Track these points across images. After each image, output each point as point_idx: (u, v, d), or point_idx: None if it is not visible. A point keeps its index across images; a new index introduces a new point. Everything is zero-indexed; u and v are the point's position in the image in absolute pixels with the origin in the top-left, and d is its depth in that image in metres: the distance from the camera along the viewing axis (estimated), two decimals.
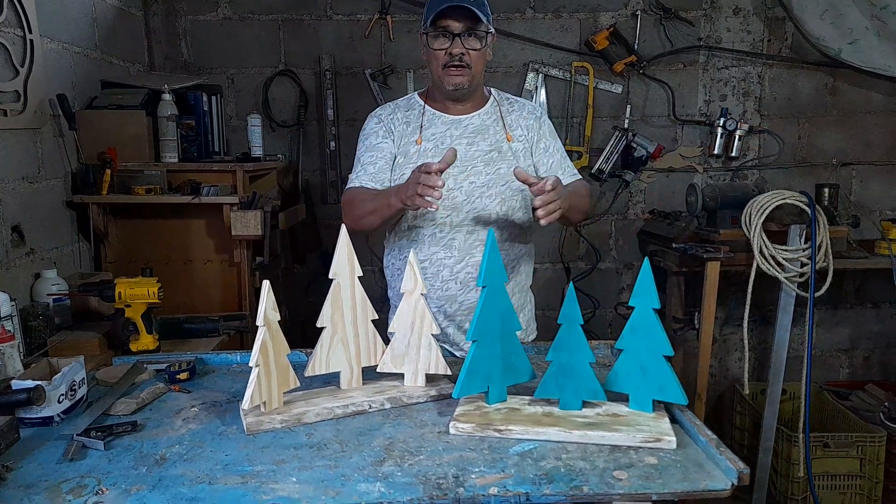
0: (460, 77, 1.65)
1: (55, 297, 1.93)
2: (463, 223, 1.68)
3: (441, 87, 1.69)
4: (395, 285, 1.80)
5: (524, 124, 1.76)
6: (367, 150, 1.74)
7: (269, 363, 1.26)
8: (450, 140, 1.70)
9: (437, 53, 1.64)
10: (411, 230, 1.72)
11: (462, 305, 1.72)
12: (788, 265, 2.42)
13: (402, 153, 1.72)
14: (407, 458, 1.12)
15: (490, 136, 1.72)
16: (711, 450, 1.11)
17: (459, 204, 1.67)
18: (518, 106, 1.80)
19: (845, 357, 3.38)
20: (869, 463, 2.63)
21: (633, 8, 3.02)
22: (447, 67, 1.64)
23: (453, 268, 1.69)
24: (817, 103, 3.14)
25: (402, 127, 1.74)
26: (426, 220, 1.69)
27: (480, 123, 1.73)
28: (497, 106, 1.77)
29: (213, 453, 1.15)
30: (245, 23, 3.00)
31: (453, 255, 1.69)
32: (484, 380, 1.29)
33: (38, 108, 2.05)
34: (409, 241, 1.73)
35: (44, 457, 1.15)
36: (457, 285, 1.70)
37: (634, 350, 1.26)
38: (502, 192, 1.69)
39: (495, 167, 1.69)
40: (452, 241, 1.69)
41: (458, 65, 1.63)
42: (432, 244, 1.69)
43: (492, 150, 1.71)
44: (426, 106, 1.75)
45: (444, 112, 1.74)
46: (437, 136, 1.72)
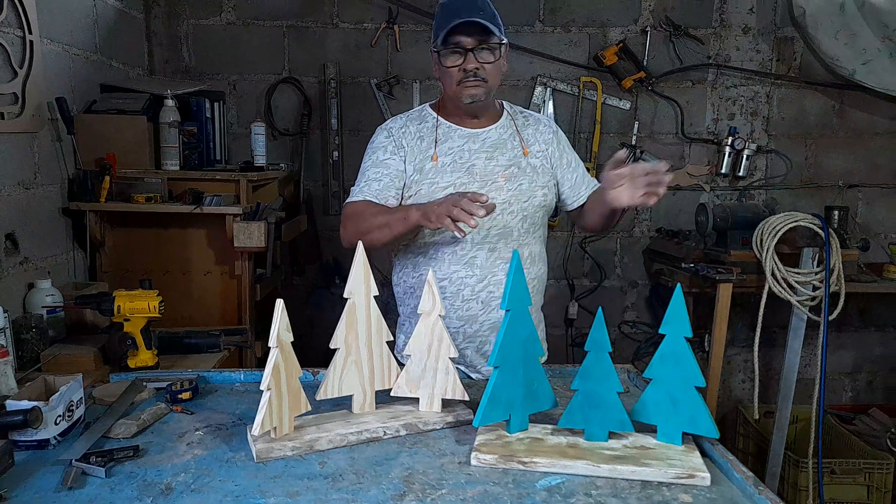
0: (476, 89, 1.59)
1: (49, 308, 1.85)
2: (485, 241, 1.62)
3: (457, 102, 1.64)
4: (407, 303, 1.74)
5: (542, 139, 1.72)
6: (373, 164, 1.67)
7: (280, 386, 1.20)
8: (468, 154, 1.64)
9: (450, 71, 1.59)
10: (429, 246, 1.66)
11: (483, 325, 1.66)
12: (800, 288, 2.39)
13: (418, 169, 1.65)
14: (428, 491, 1.06)
15: (508, 151, 1.67)
16: (749, 488, 1.05)
17: (481, 221, 1.61)
18: (533, 120, 1.76)
19: (849, 380, 3.35)
20: (877, 491, 2.59)
21: (642, 24, 3.00)
22: (462, 83, 1.58)
23: (474, 287, 1.63)
24: (825, 124, 3.13)
25: (416, 142, 1.67)
26: (445, 236, 1.63)
27: (498, 137, 1.68)
28: (512, 120, 1.72)
29: (222, 483, 1.08)
30: (249, 28, 2.95)
31: (475, 273, 1.63)
32: (506, 408, 1.23)
33: (35, 111, 1.99)
34: (427, 258, 1.66)
35: (40, 483, 1.07)
36: (478, 305, 1.64)
37: (664, 380, 1.20)
38: (524, 209, 1.64)
39: (516, 183, 1.64)
40: (474, 259, 1.63)
41: (474, 79, 1.58)
42: (452, 262, 1.63)
43: (511, 165, 1.66)
44: (440, 119, 1.69)
45: (459, 125, 1.68)
46: (454, 150, 1.65)
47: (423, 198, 1.63)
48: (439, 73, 1.64)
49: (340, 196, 3.03)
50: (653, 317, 3.21)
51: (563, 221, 3.12)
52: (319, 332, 2.92)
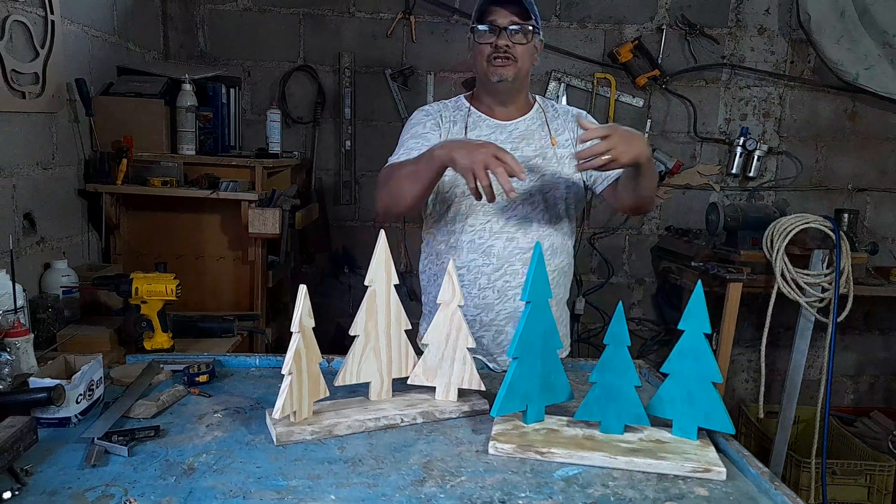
0: (504, 69, 1.59)
1: (65, 289, 1.86)
2: (503, 230, 1.64)
3: (485, 82, 1.64)
4: (430, 291, 1.76)
5: (570, 127, 1.71)
6: (412, 136, 1.67)
7: (301, 371, 1.21)
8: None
9: (482, 47, 1.60)
10: (449, 235, 1.68)
11: (499, 315, 1.67)
12: (809, 290, 2.40)
13: None
14: (448, 478, 1.07)
15: (535, 142, 1.68)
16: (765, 483, 1.07)
17: (501, 210, 1.63)
18: (562, 111, 1.75)
19: (851, 383, 3.37)
20: (877, 492, 2.61)
21: (658, 22, 3.00)
22: (491, 60, 1.59)
23: (491, 276, 1.64)
24: (836, 127, 3.13)
25: (450, 124, 1.69)
26: (466, 225, 1.65)
27: (526, 129, 1.69)
28: (542, 112, 1.73)
29: (244, 464, 1.09)
30: (265, 15, 2.95)
31: (491, 262, 1.64)
32: (523, 399, 1.24)
33: (55, 91, 1.99)
34: (448, 246, 1.68)
35: (64, 461, 1.09)
36: (494, 293, 1.65)
37: (682, 375, 1.21)
38: (546, 200, 1.65)
39: (539, 173, 1.65)
40: (491, 248, 1.64)
41: (504, 56, 1.58)
42: (471, 251, 1.65)
43: (536, 156, 1.66)
44: (472, 108, 1.71)
45: (489, 116, 1.70)
46: (481, 138, 1.66)
47: (446, 185, 1.65)
48: (472, 53, 1.65)
49: (352, 185, 3.03)
50: (659, 314, 3.22)
51: None
52: (328, 319, 2.94)
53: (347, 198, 3.04)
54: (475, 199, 1.40)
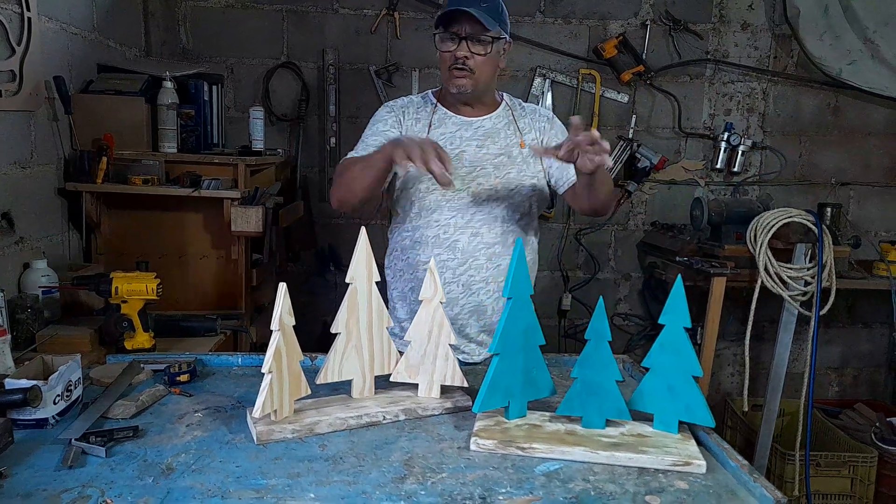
0: (463, 80, 1.62)
1: (45, 289, 1.84)
2: (468, 225, 1.66)
3: (447, 90, 1.68)
4: (395, 286, 1.78)
5: (537, 126, 1.74)
6: (372, 133, 1.71)
7: (282, 370, 1.20)
8: (459, 141, 1.68)
9: (443, 55, 1.63)
10: (414, 231, 1.70)
11: (464, 309, 1.69)
12: (792, 283, 2.42)
13: None
14: (429, 475, 1.07)
15: (501, 140, 1.70)
16: (744, 476, 1.07)
17: (465, 205, 1.66)
18: (530, 110, 1.78)
19: (835, 375, 3.40)
20: (860, 483, 2.64)
21: (642, 18, 3.01)
22: (451, 69, 1.62)
23: (455, 270, 1.67)
24: (819, 122, 3.15)
25: (412, 122, 1.72)
26: (431, 220, 1.67)
27: (492, 126, 1.71)
28: (509, 110, 1.75)
29: (223, 464, 1.08)
30: (248, 11, 2.93)
31: (456, 257, 1.66)
32: (505, 394, 1.24)
33: (33, 89, 1.96)
34: (413, 241, 1.70)
35: (40, 462, 1.07)
36: (459, 288, 1.68)
37: (662, 369, 1.22)
38: (510, 197, 1.67)
39: (504, 171, 1.67)
40: (456, 243, 1.66)
41: (461, 68, 1.60)
42: (435, 245, 1.67)
43: (501, 154, 1.68)
44: (438, 105, 1.73)
45: (455, 113, 1.72)
46: (446, 135, 1.69)
47: (411, 180, 1.68)
48: (438, 56, 1.67)
49: None
50: (645, 309, 3.24)
51: (558, 213, 3.14)
52: (313, 318, 2.92)
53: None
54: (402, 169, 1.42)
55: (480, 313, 1.71)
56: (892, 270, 2.67)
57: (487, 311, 1.71)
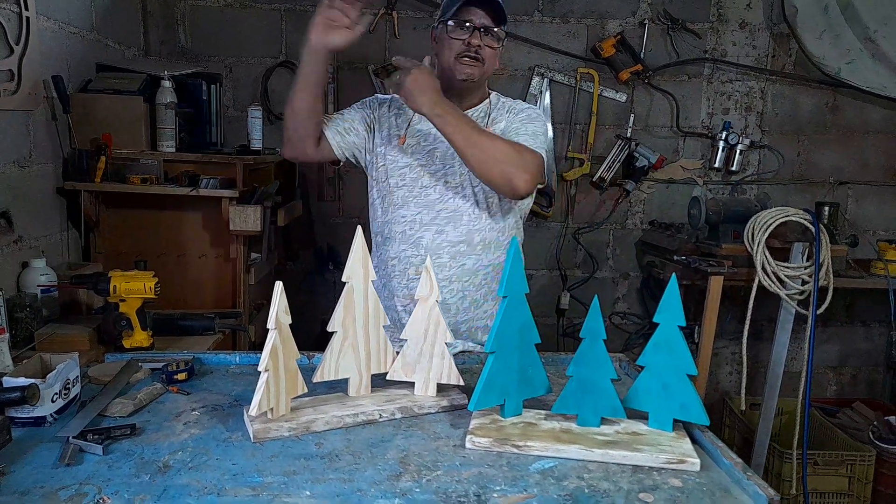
0: (471, 69, 1.62)
1: (43, 287, 1.84)
2: (433, 222, 1.66)
3: (450, 78, 1.63)
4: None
5: (507, 118, 1.69)
6: (349, 110, 1.76)
7: (278, 368, 1.20)
8: (432, 138, 1.67)
9: (453, 42, 1.61)
10: (383, 226, 1.71)
11: None
12: (790, 282, 2.42)
13: (385, 142, 1.70)
14: (424, 472, 1.07)
15: None
16: (737, 473, 1.08)
17: (432, 202, 1.65)
18: (510, 107, 1.72)
19: (833, 374, 3.40)
20: (858, 482, 2.64)
21: (640, 17, 3.01)
22: (460, 57, 1.61)
23: (419, 266, 1.66)
24: (817, 121, 3.16)
25: (392, 118, 1.72)
26: (398, 216, 1.67)
27: None
28: (489, 107, 1.72)
29: (220, 462, 1.09)
30: (246, 11, 2.93)
31: (420, 253, 1.66)
32: (500, 393, 1.25)
33: (31, 88, 1.97)
34: (382, 238, 1.72)
35: (38, 460, 1.08)
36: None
37: (657, 367, 1.22)
38: (477, 194, 1.66)
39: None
40: (420, 239, 1.66)
41: (474, 56, 1.60)
42: (402, 241, 1.67)
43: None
44: None
45: None
46: (422, 132, 1.68)
47: (383, 173, 1.69)
48: (438, 46, 1.66)
49: (336, 182, 3.03)
50: (644, 308, 3.24)
51: (556, 212, 3.14)
52: (312, 317, 2.93)
53: (331, 195, 3.03)
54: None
55: (444, 311, 1.68)
56: (889, 269, 2.67)
57: (451, 310, 1.69)
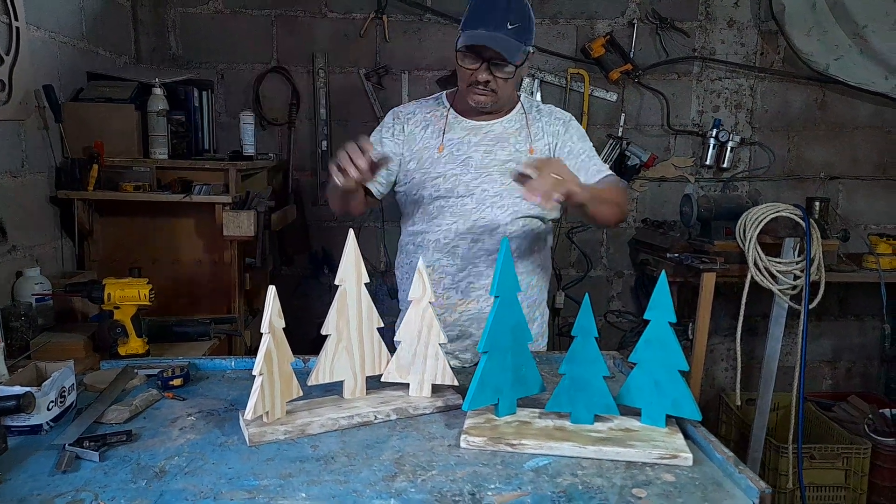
0: (482, 98, 1.59)
1: (38, 296, 1.85)
2: (469, 232, 1.64)
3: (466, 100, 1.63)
4: (404, 288, 1.78)
5: (550, 130, 1.68)
6: (372, 141, 1.67)
7: (273, 372, 1.21)
8: (466, 146, 1.65)
9: (464, 71, 1.57)
10: (417, 235, 1.69)
11: (462, 315, 1.68)
12: (782, 277, 2.44)
13: (415, 157, 1.67)
14: (419, 472, 1.08)
15: (510, 146, 1.66)
16: (730, 467, 1.09)
17: (468, 212, 1.64)
18: (546, 112, 1.72)
19: (828, 368, 3.42)
20: (853, 475, 2.65)
21: (629, 16, 3.03)
22: (471, 87, 1.58)
23: (455, 276, 1.66)
24: (807, 117, 3.18)
25: (420, 130, 1.68)
26: (433, 224, 1.66)
27: (502, 131, 1.67)
28: (524, 114, 1.69)
29: (216, 466, 1.10)
30: (237, 17, 2.94)
31: (456, 263, 1.65)
32: (494, 392, 1.26)
33: (23, 98, 1.97)
34: (416, 245, 1.70)
35: (34, 468, 1.09)
36: (457, 294, 1.67)
37: (648, 364, 1.23)
38: (515, 204, 1.64)
39: (510, 178, 1.61)
40: (456, 248, 1.65)
41: (483, 89, 1.57)
42: (436, 250, 1.66)
43: (510, 160, 1.64)
44: (451, 109, 1.69)
45: (466, 117, 1.68)
46: (454, 141, 1.66)
47: (415, 187, 1.66)
48: (456, 65, 1.62)
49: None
50: (638, 306, 3.25)
51: None
52: (308, 321, 2.93)
53: (325, 199, 3.04)
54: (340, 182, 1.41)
55: (480, 321, 1.68)
56: (881, 263, 2.69)
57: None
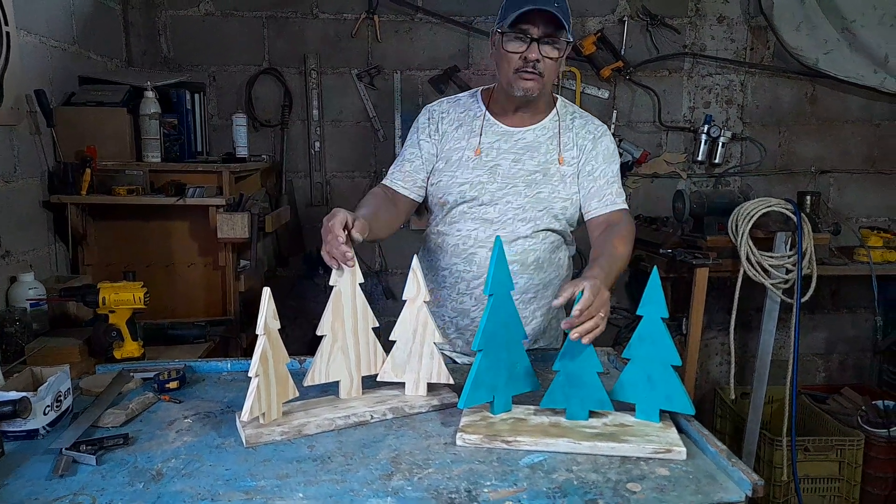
0: (531, 83, 1.51)
1: (32, 301, 1.84)
2: (488, 240, 1.60)
3: (509, 92, 1.56)
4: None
5: (579, 144, 1.62)
6: (411, 144, 1.68)
7: (268, 373, 1.22)
8: (495, 153, 1.61)
9: (510, 56, 1.50)
10: (438, 237, 1.68)
11: (474, 322, 1.66)
12: (774, 271, 2.45)
13: (444, 158, 1.63)
14: (415, 471, 1.09)
15: (540, 156, 1.61)
16: (723, 461, 1.10)
17: (489, 221, 1.61)
18: (580, 123, 1.65)
19: (822, 361, 3.44)
20: (847, 466, 2.68)
21: (620, 14, 3.04)
22: (519, 72, 1.51)
23: (470, 282, 1.64)
24: (797, 112, 3.19)
25: (453, 129, 1.64)
26: (454, 229, 1.64)
27: (534, 139, 1.62)
28: (557, 121, 1.63)
29: (213, 467, 1.10)
30: (228, 19, 2.94)
31: (472, 269, 1.64)
32: (489, 390, 1.27)
33: (14, 103, 1.96)
34: (435, 245, 1.70)
35: (31, 473, 1.09)
36: (471, 300, 1.66)
37: (642, 359, 1.25)
38: (538, 217, 1.60)
39: (536, 190, 1.60)
40: (474, 255, 1.63)
41: (532, 71, 1.50)
42: (454, 255, 1.64)
43: (537, 171, 1.61)
44: (486, 110, 1.64)
45: (500, 121, 1.63)
46: (485, 146, 1.62)
47: (440, 189, 1.63)
48: (495, 57, 1.58)
49: (323, 187, 3.03)
50: (632, 302, 3.27)
51: None
52: (303, 322, 2.93)
53: (319, 199, 3.04)
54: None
55: None
56: (872, 256, 2.71)
57: None
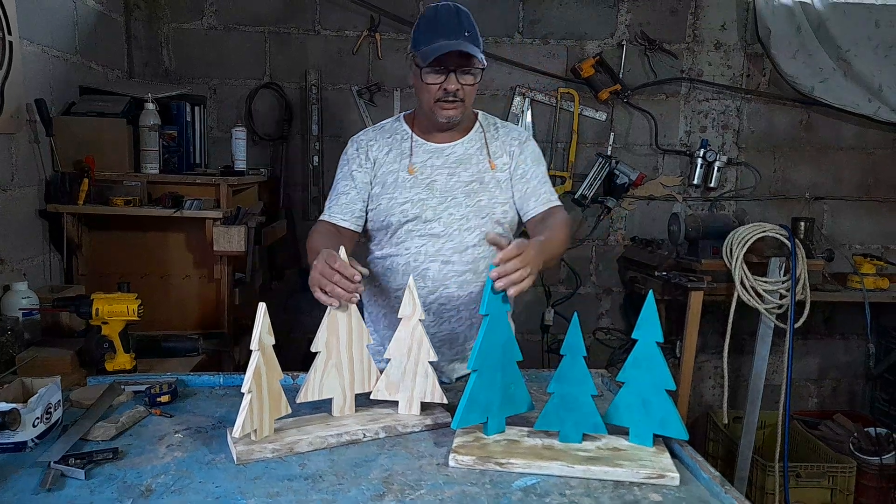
0: (453, 111, 1.59)
1: (25, 311, 1.83)
2: (438, 254, 1.63)
3: (432, 119, 1.63)
4: (370, 310, 1.79)
5: (508, 150, 1.69)
6: (343, 177, 1.69)
7: (261, 389, 1.21)
8: (430, 170, 1.65)
9: (430, 87, 1.57)
10: (385, 258, 1.68)
11: (435, 337, 1.66)
12: (768, 296, 2.46)
13: (380, 183, 1.66)
14: (407, 492, 1.08)
15: (473, 166, 1.66)
16: (716, 487, 1.10)
17: (436, 234, 1.63)
18: (504, 132, 1.73)
19: (814, 387, 3.45)
20: (839, 493, 2.67)
21: (619, 38, 3.07)
22: (440, 101, 1.58)
23: (426, 298, 1.64)
24: (792, 138, 3.23)
25: (384, 155, 1.68)
26: (402, 248, 1.65)
27: (463, 152, 1.68)
28: (482, 132, 1.70)
29: (203, 484, 1.09)
30: (230, 33, 2.96)
31: (427, 285, 1.64)
32: (483, 410, 1.26)
33: (14, 112, 1.97)
34: (384, 268, 1.69)
35: (19, 486, 1.08)
36: (429, 316, 1.65)
37: (636, 383, 1.24)
38: (481, 225, 1.64)
39: (476, 199, 1.64)
40: (427, 270, 1.64)
41: (452, 100, 1.57)
42: (406, 273, 1.63)
43: (473, 181, 1.65)
44: (411, 132, 1.69)
45: (427, 140, 1.68)
46: (417, 165, 1.66)
47: (381, 213, 1.65)
48: (416, 85, 1.63)
49: (320, 202, 3.04)
50: (627, 324, 3.27)
51: None
52: (298, 336, 2.93)
53: (316, 214, 3.04)
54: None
55: (452, 341, 1.69)
56: (865, 283, 2.73)
57: (459, 339, 1.70)
